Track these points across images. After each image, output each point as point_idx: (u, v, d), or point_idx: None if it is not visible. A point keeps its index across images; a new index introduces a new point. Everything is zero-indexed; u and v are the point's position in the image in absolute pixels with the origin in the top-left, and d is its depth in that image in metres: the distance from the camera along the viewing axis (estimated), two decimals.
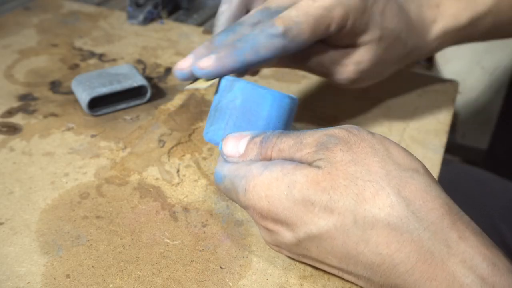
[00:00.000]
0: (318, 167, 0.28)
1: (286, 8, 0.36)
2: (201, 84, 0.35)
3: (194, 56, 0.35)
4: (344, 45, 0.40)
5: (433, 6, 0.43)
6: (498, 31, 0.47)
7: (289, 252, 0.31)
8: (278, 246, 0.31)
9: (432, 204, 0.26)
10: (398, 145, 0.29)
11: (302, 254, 0.30)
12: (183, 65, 0.35)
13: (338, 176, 0.27)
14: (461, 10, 0.43)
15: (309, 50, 0.39)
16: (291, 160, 0.29)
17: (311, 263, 0.31)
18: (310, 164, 0.29)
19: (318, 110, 0.50)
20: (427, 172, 0.28)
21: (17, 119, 0.47)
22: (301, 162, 0.29)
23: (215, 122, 0.34)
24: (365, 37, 0.39)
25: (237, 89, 0.33)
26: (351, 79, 0.41)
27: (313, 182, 0.27)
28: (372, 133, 0.29)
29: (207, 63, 0.33)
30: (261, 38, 0.34)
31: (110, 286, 0.32)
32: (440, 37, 0.44)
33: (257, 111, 0.33)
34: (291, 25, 0.34)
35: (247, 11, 0.41)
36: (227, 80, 0.34)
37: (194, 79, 0.36)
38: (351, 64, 0.40)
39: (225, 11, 0.41)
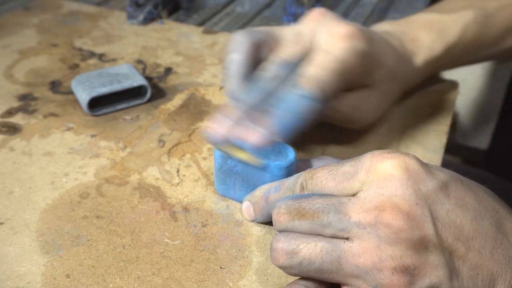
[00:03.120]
0: None
1: (300, 59, 0.38)
2: (239, 154, 0.35)
3: (230, 121, 0.34)
4: (354, 87, 0.41)
5: (411, 40, 0.46)
6: (466, 58, 0.52)
7: None
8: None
9: None
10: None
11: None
12: (220, 130, 0.34)
13: None
14: (435, 42, 0.47)
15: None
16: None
17: None
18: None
19: None
20: None
21: (17, 119, 0.47)
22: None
23: (223, 183, 0.38)
24: (374, 76, 0.41)
25: (234, 159, 0.36)
26: (369, 121, 0.44)
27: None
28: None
29: (256, 138, 0.33)
30: (298, 104, 0.35)
31: (110, 286, 0.32)
32: (422, 68, 0.47)
33: (259, 177, 0.36)
34: (316, 85, 0.36)
35: (257, 59, 0.39)
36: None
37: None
38: (372, 106, 0.43)
39: (235, 60, 0.38)
